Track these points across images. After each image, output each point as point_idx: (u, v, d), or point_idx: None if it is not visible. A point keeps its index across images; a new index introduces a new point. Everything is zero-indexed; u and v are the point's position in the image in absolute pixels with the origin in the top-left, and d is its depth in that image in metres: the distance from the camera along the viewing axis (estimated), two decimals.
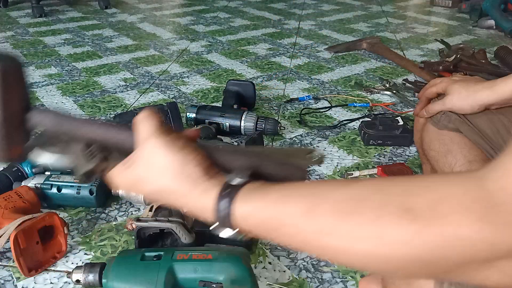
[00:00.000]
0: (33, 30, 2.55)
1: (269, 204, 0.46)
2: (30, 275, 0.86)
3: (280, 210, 0.45)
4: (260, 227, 0.47)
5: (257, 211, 0.46)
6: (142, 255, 0.78)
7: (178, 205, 0.52)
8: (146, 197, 0.52)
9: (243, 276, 0.73)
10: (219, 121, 1.37)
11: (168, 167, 0.49)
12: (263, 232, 0.47)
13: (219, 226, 0.49)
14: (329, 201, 0.43)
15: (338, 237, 0.41)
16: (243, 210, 0.47)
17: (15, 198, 0.95)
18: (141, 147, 0.51)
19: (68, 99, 1.65)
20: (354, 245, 0.40)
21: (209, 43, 2.37)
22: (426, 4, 3.31)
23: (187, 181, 0.49)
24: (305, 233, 0.43)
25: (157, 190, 0.51)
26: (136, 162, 0.51)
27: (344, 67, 2.00)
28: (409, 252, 0.38)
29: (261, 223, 0.46)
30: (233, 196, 0.47)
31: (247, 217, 0.47)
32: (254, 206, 0.46)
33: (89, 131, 0.52)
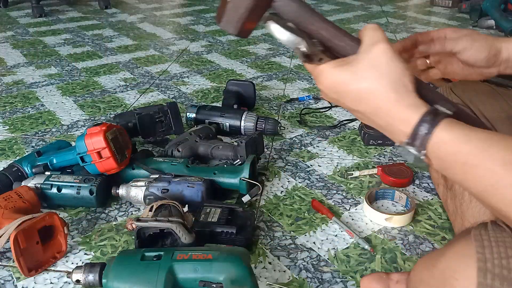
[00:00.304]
0: (33, 30, 2.55)
1: (472, 140, 0.48)
2: (30, 275, 0.86)
3: (482, 150, 0.47)
4: (449, 158, 0.48)
5: (456, 142, 0.48)
6: (142, 255, 0.78)
7: (374, 112, 0.53)
8: (341, 99, 0.55)
9: (243, 276, 0.74)
10: (219, 121, 1.37)
11: (390, 72, 0.52)
12: (449, 165, 0.49)
13: (410, 144, 0.50)
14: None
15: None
16: (443, 135, 0.48)
17: (15, 198, 0.95)
18: (368, 48, 0.53)
19: (68, 99, 1.65)
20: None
21: (209, 43, 2.37)
22: (426, 4, 3.31)
23: (400, 90, 0.51)
24: (498, 181, 0.45)
25: (364, 90, 0.52)
26: (357, 60, 0.54)
27: None
28: None
29: (453, 154, 0.48)
30: (439, 120, 0.49)
31: (443, 144, 0.48)
32: (456, 136, 0.48)
33: (321, 27, 0.58)
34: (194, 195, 1.01)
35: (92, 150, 1.00)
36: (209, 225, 0.93)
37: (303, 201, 1.09)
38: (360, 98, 0.54)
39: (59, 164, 1.09)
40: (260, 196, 1.11)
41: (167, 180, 1.03)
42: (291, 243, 0.95)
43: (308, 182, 1.17)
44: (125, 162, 1.07)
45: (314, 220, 1.03)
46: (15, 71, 1.92)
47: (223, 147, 1.20)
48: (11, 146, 1.32)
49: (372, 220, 1.02)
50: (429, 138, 0.49)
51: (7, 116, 1.51)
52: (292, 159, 1.27)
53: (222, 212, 0.96)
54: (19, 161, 1.11)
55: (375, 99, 0.52)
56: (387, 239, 0.96)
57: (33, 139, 1.36)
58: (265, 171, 1.21)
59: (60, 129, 1.43)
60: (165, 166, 1.10)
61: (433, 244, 0.95)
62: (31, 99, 1.64)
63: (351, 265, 0.89)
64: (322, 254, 0.92)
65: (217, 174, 1.08)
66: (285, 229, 0.99)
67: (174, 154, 1.18)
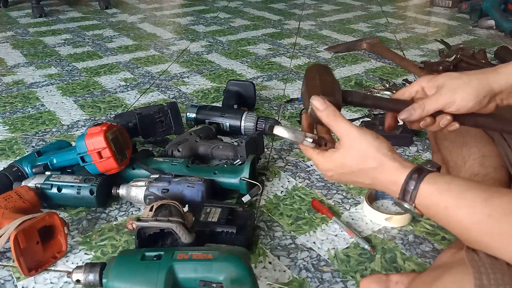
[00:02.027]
0: (33, 30, 2.55)
1: (452, 187, 0.56)
2: (30, 275, 0.86)
3: (461, 193, 0.55)
4: (434, 207, 0.56)
5: (439, 191, 0.56)
6: (142, 255, 0.78)
7: (373, 183, 0.64)
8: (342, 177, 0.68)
9: (243, 276, 0.74)
10: (219, 121, 1.37)
11: (369, 147, 0.62)
12: (434, 212, 0.57)
13: (401, 199, 0.59)
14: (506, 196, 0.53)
15: (505, 224, 0.50)
16: (427, 188, 0.57)
17: (15, 198, 0.95)
18: (344, 139, 0.65)
19: (68, 99, 1.65)
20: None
21: (209, 43, 2.37)
22: (426, 4, 3.31)
23: (384, 157, 0.61)
24: (476, 217, 0.53)
25: (358, 165, 0.63)
26: (341, 149, 0.65)
27: (344, 67, 2.00)
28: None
29: (437, 204, 0.56)
30: (422, 176, 0.57)
31: (429, 196, 0.57)
32: (438, 186, 0.57)
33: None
34: (194, 195, 1.01)
35: (92, 150, 1.00)
36: (209, 225, 0.93)
37: (303, 201, 1.09)
38: (358, 171, 0.64)
39: (59, 164, 1.09)
40: (260, 196, 1.11)
41: (167, 180, 1.03)
42: (291, 243, 0.95)
43: (308, 182, 1.17)
44: (126, 162, 1.07)
45: (314, 220, 1.03)
46: (15, 71, 1.92)
47: (223, 147, 1.20)
48: (11, 146, 1.33)
49: (372, 220, 1.02)
50: (416, 192, 0.58)
51: (7, 116, 1.51)
52: (292, 159, 1.27)
53: (222, 212, 0.97)
54: (19, 161, 1.11)
55: (367, 171, 0.63)
56: (387, 239, 0.96)
57: (33, 139, 1.36)
58: (265, 171, 1.21)
59: (60, 129, 1.43)
60: (166, 166, 1.10)
61: (433, 244, 0.95)
62: (31, 99, 1.65)
63: (351, 265, 0.89)
64: (322, 254, 0.92)
65: (217, 174, 1.08)
66: (285, 229, 0.99)
67: (174, 154, 1.18)
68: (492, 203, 0.52)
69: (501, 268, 0.51)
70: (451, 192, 0.56)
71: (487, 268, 0.51)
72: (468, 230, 0.54)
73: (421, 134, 1.38)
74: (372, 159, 0.62)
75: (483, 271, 0.51)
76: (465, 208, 0.54)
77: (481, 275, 0.51)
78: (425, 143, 1.35)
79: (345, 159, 0.64)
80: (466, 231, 0.55)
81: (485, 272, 0.51)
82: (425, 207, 0.58)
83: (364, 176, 0.64)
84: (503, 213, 0.51)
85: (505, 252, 0.51)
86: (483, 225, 0.52)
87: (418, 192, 0.57)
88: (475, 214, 0.53)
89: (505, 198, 0.52)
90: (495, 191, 0.54)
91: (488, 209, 0.52)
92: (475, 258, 0.53)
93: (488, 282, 0.50)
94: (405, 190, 0.58)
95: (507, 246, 0.51)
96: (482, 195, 0.54)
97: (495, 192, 0.54)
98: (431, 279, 0.57)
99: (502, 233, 0.51)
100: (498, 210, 0.51)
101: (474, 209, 0.53)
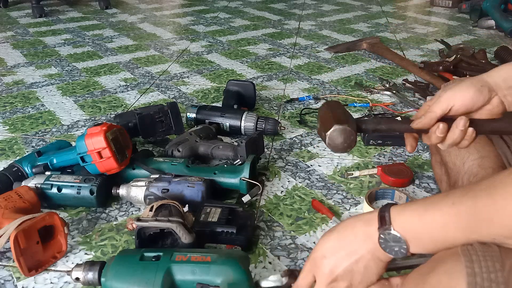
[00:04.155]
0: (33, 30, 2.55)
1: (420, 202, 0.57)
2: (30, 275, 0.86)
3: (435, 203, 0.55)
4: (420, 234, 0.56)
5: (413, 214, 0.57)
6: (141, 255, 0.78)
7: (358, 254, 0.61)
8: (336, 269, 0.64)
9: (241, 280, 0.74)
10: (219, 121, 1.37)
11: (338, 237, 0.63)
12: (421, 229, 0.56)
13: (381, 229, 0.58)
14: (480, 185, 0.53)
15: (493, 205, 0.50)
16: (400, 221, 0.57)
17: (15, 198, 0.95)
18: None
19: (69, 99, 1.65)
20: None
21: (209, 43, 2.37)
22: (426, 4, 3.31)
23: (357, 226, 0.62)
24: (460, 211, 0.53)
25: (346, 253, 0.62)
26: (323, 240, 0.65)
27: (344, 67, 2.00)
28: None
29: (419, 221, 0.56)
30: (389, 208, 0.59)
31: (405, 226, 0.57)
32: (405, 206, 0.58)
33: None
34: (194, 195, 1.01)
35: (92, 150, 1.00)
36: (209, 225, 0.93)
37: (303, 201, 1.09)
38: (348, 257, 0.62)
39: (59, 164, 1.09)
40: (260, 196, 1.11)
41: (167, 180, 1.03)
42: (291, 243, 0.95)
43: (308, 182, 1.17)
44: (126, 162, 1.07)
45: (314, 220, 1.03)
46: (15, 71, 1.92)
47: (223, 147, 1.20)
48: (11, 146, 1.33)
49: None
50: (389, 214, 0.58)
51: (7, 116, 1.51)
52: (292, 159, 1.27)
53: (222, 212, 0.97)
54: (19, 161, 1.11)
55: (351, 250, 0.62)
56: None
57: (33, 139, 1.36)
58: (265, 171, 1.21)
59: (60, 129, 1.43)
60: (166, 166, 1.10)
61: None
62: (31, 99, 1.65)
63: None
64: None
65: (217, 174, 1.08)
66: (285, 229, 0.99)
67: (174, 154, 1.18)
68: (468, 195, 0.53)
69: (492, 256, 0.51)
70: (417, 203, 0.57)
71: (479, 256, 0.51)
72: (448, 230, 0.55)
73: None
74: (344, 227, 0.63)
75: (475, 259, 0.51)
76: (447, 208, 0.55)
77: (472, 263, 0.51)
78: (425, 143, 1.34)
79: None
80: (448, 232, 0.55)
81: (477, 260, 0.51)
82: (415, 235, 0.58)
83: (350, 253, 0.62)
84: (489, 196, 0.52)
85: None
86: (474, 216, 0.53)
87: (390, 214, 0.58)
88: (459, 210, 0.53)
89: (479, 186, 0.54)
90: (466, 188, 0.56)
91: (469, 201, 0.53)
92: (468, 247, 0.53)
93: (480, 270, 0.50)
94: (381, 218, 0.59)
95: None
96: (456, 193, 0.55)
97: (466, 188, 0.55)
98: (427, 270, 0.57)
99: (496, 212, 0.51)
100: (484, 196, 0.52)
101: (457, 204, 0.54)
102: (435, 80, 1.73)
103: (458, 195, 0.54)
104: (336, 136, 0.73)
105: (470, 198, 0.53)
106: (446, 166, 0.97)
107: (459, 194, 0.54)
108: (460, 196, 0.54)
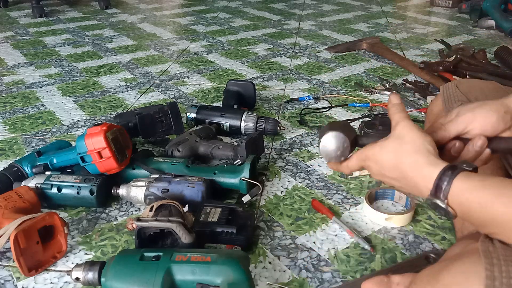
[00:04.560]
0: (33, 30, 2.55)
1: (487, 186, 0.54)
2: (30, 275, 0.86)
3: (497, 194, 0.53)
4: (468, 205, 0.55)
5: (473, 189, 0.55)
6: (141, 255, 0.78)
7: (403, 172, 0.63)
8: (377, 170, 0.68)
9: (241, 280, 0.73)
10: (219, 121, 1.37)
11: (415, 142, 0.62)
12: (468, 210, 0.55)
13: (433, 195, 0.58)
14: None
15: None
16: (461, 185, 0.55)
17: (15, 198, 0.95)
18: (394, 128, 0.66)
19: (69, 99, 1.65)
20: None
21: (209, 43, 2.37)
22: (426, 4, 3.31)
23: (422, 152, 0.61)
24: (510, 221, 0.51)
25: (396, 157, 0.63)
26: (387, 138, 0.66)
27: (344, 67, 2.00)
28: None
29: (472, 201, 0.55)
30: (457, 173, 0.56)
31: (462, 192, 0.55)
32: (473, 184, 0.55)
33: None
34: (194, 195, 1.01)
35: (92, 150, 1.00)
36: (209, 225, 0.93)
37: (303, 201, 1.09)
38: (393, 164, 0.64)
39: (59, 164, 1.09)
40: (260, 196, 1.11)
41: (167, 180, 1.03)
42: (291, 243, 0.95)
43: (308, 182, 1.17)
44: (126, 162, 1.07)
45: (314, 220, 1.03)
46: (15, 71, 1.92)
47: (223, 147, 1.20)
48: (11, 146, 1.33)
49: (372, 220, 1.02)
50: (449, 188, 0.56)
51: (7, 116, 1.51)
52: (292, 159, 1.27)
53: (222, 212, 0.97)
54: (19, 161, 1.11)
55: (403, 161, 0.62)
56: (387, 239, 0.96)
57: (33, 139, 1.36)
58: (265, 171, 1.21)
59: (60, 129, 1.43)
60: (166, 166, 1.10)
61: (433, 244, 0.95)
62: (31, 99, 1.65)
63: (351, 265, 0.89)
64: (322, 254, 0.92)
65: (217, 174, 1.08)
66: (285, 229, 0.99)
67: (174, 154, 1.18)
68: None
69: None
70: (485, 189, 0.54)
71: (500, 260, 0.50)
72: (503, 228, 0.53)
73: None
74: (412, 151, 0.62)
75: (496, 263, 0.50)
76: (500, 205, 0.52)
77: (493, 266, 0.49)
78: None
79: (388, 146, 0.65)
80: (501, 228, 0.53)
81: (498, 263, 0.50)
82: (458, 204, 0.56)
83: (397, 171, 0.63)
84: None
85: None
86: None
87: (451, 188, 0.56)
88: (510, 211, 0.51)
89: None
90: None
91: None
92: (490, 249, 0.52)
93: (499, 274, 0.49)
94: (438, 186, 0.57)
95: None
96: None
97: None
98: (438, 269, 0.55)
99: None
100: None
101: (510, 206, 0.51)
102: (435, 80, 1.73)
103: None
104: (328, 142, 0.71)
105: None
106: None
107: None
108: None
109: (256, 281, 0.85)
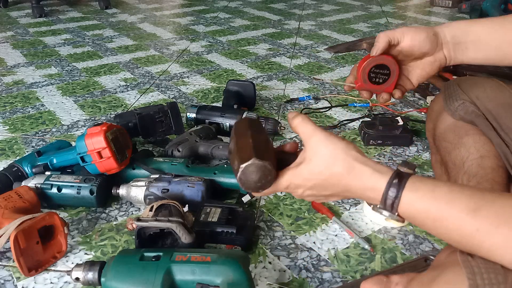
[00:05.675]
0: (33, 30, 2.55)
1: (437, 195, 0.52)
2: (30, 275, 0.86)
3: (447, 203, 0.52)
4: (419, 216, 0.54)
5: (423, 200, 0.53)
6: (141, 255, 0.78)
7: (346, 190, 0.58)
8: (314, 191, 0.61)
9: (241, 280, 0.73)
10: (219, 121, 1.37)
11: (335, 149, 0.57)
12: (421, 220, 0.54)
13: (382, 208, 0.56)
14: (494, 206, 0.50)
15: (493, 239, 0.49)
16: (410, 196, 0.54)
17: (15, 198, 0.95)
18: (308, 142, 0.60)
19: (68, 99, 1.65)
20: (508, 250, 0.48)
21: (209, 43, 2.37)
22: (426, 4, 3.31)
23: (354, 160, 0.57)
24: (468, 229, 0.50)
25: (326, 171, 0.58)
26: (307, 159, 0.59)
27: (344, 67, 2.00)
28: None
29: (423, 212, 0.53)
30: (404, 182, 0.54)
31: (412, 204, 0.54)
32: (422, 194, 0.53)
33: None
34: (194, 195, 1.01)
35: (92, 150, 1.00)
36: (209, 225, 0.93)
37: (303, 201, 1.09)
38: (325, 186, 0.59)
39: (59, 164, 1.09)
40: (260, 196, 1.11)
41: (167, 180, 1.03)
42: (291, 243, 0.95)
43: None
44: (126, 162, 1.07)
45: (314, 220, 1.03)
46: (15, 71, 1.92)
47: (223, 147, 1.20)
48: (11, 146, 1.33)
49: (372, 220, 1.02)
50: (399, 201, 0.54)
51: (7, 116, 1.51)
52: None
53: (222, 212, 0.97)
54: (19, 161, 1.11)
55: (337, 182, 0.58)
56: (387, 239, 0.96)
57: (33, 139, 1.36)
58: None
59: (60, 129, 1.43)
60: (166, 166, 1.10)
61: (433, 244, 0.95)
62: (31, 99, 1.65)
63: (351, 265, 0.89)
64: (322, 254, 0.92)
65: (217, 174, 1.08)
66: (285, 229, 0.99)
67: (174, 154, 1.18)
68: (479, 214, 0.50)
69: (494, 268, 0.51)
70: (436, 201, 0.53)
71: (481, 268, 0.51)
72: (458, 243, 0.53)
73: (421, 135, 1.38)
74: (341, 161, 0.57)
75: (477, 271, 0.51)
76: (453, 220, 0.52)
77: (474, 275, 0.50)
78: (425, 143, 1.35)
79: (310, 167, 0.59)
80: (456, 243, 0.54)
81: (479, 272, 0.51)
82: (410, 216, 0.55)
83: (335, 186, 0.59)
84: (492, 226, 0.49)
85: (500, 261, 0.50)
86: (472, 239, 0.51)
87: (400, 200, 0.54)
88: (463, 228, 0.51)
89: (493, 208, 0.50)
90: (483, 198, 0.52)
91: (476, 223, 0.50)
92: (469, 259, 0.53)
93: (482, 282, 0.50)
94: (386, 199, 0.55)
95: (499, 257, 0.50)
96: (470, 205, 0.51)
97: (483, 199, 0.52)
98: (428, 280, 0.56)
99: (492, 246, 0.50)
100: (487, 223, 0.50)
101: (462, 222, 0.51)
102: (435, 80, 1.73)
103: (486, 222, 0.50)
104: (251, 172, 0.59)
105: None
106: (446, 165, 0.97)
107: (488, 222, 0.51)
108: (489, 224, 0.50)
109: (256, 281, 0.85)
